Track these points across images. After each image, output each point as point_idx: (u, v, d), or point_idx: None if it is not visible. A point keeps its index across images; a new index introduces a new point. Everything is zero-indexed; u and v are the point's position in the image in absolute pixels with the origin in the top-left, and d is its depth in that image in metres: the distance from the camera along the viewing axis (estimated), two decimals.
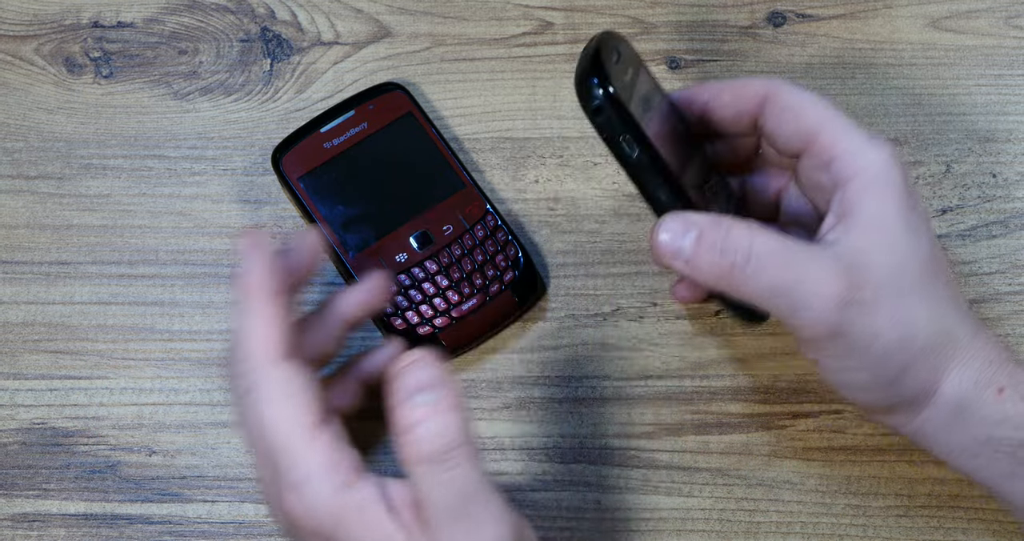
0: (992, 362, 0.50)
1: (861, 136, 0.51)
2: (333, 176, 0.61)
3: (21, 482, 0.59)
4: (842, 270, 0.48)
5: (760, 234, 0.48)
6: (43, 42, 0.66)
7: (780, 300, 0.48)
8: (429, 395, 0.44)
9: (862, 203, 0.49)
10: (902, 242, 0.49)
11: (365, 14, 0.67)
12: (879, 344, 0.49)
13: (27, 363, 0.60)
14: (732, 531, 0.58)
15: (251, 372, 0.48)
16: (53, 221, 0.63)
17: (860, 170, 0.50)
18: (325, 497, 0.46)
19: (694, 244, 0.49)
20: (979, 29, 0.66)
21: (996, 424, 0.50)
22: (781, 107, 0.52)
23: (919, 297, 0.49)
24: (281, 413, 0.47)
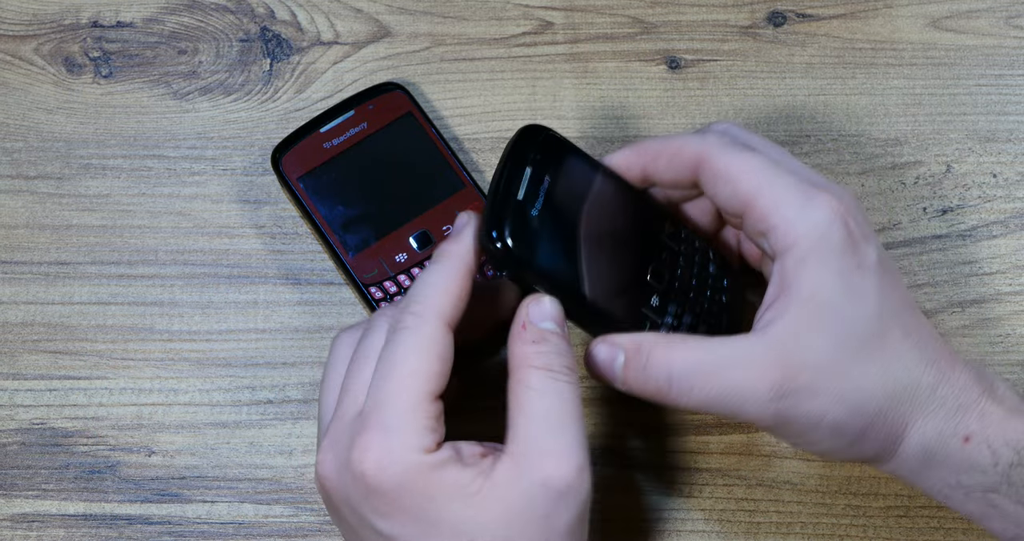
0: (959, 409, 0.49)
1: (797, 200, 0.49)
2: (333, 176, 0.61)
3: (20, 482, 0.59)
4: (774, 361, 0.48)
5: (679, 351, 0.49)
6: (42, 42, 0.66)
7: (715, 408, 0.49)
8: (555, 325, 0.49)
9: (798, 278, 0.49)
10: (841, 314, 0.49)
11: (365, 14, 0.66)
12: (827, 421, 0.49)
13: (26, 363, 0.60)
14: (732, 531, 0.58)
15: (420, 315, 0.48)
16: (52, 221, 0.63)
17: (795, 241, 0.49)
18: (410, 452, 0.46)
19: (622, 370, 0.50)
20: (979, 29, 0.66)
21: (964, 471, 0.49)
22: (714, 174, 0.51)
23: (866, 365, 0.49)
24: (423, 365, 0.47)
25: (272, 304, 0.61)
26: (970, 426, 0.49)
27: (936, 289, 0.62)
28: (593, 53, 0.66)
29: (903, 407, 0.49)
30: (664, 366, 0.49)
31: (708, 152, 0.51)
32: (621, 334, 0.50)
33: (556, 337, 0.49)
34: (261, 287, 0.61)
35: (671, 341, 0.50)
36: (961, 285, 0.62)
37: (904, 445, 0.50)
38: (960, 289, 0.61)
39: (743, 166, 0.51)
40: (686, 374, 0.49)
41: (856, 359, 0.49)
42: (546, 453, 0.46)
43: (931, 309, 0.61)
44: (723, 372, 0.49)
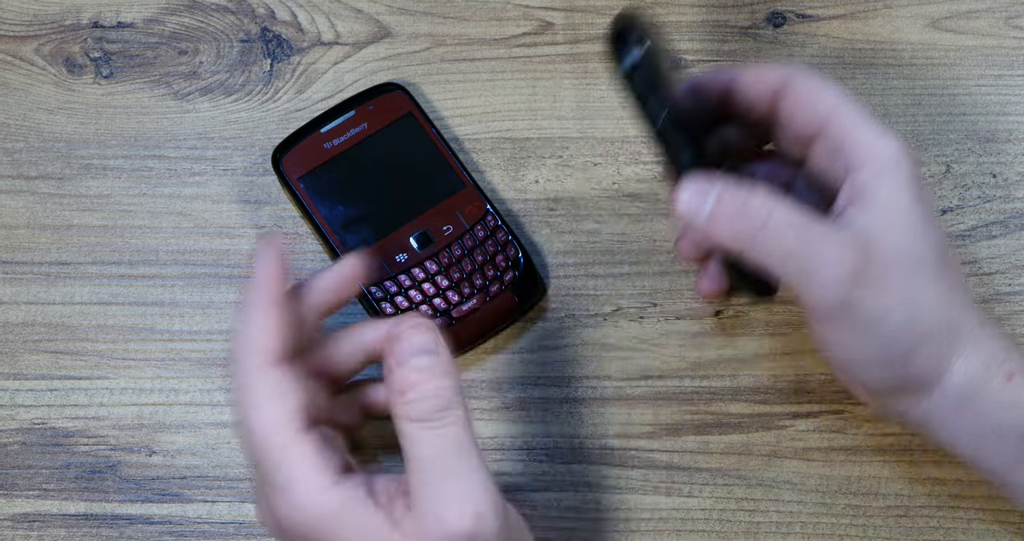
0: (1002, 349, 0.50)
1: (876, 126, 0.51)
2: (333, 176, 0.61)
3: (21, 482, 0.59)
4: (854, 247, 0.49)
5: (780, 201, 0.49)
6: (43, 42, 0.66)
7: (793, 266, 0.49)
8: (425, 359, 0.46)
9: (875, 187, 0.50)
10: (913, 227, 0.50)
11: (365, 14, 0.67)
12: (888, 322, 0.49)
13: (27, 363, 0.60)
14: (732, 531, 0.58)
15: (242, 375, 0.48)
16: (53, 221, 0.63)
17: (873, 157, 0.50)
18: (310, 498, 0.46)
19: (715, 204, 0.49)
20: (979, 29, 0.66)
21: (1005, 409, 0.50)
22: (798, 93, 0.52)
23: (929, 282, 0.50)
24: (267, 416, 0.47)
25: None
26: (1013, 365, 0.50)
27: None
28: (593, 53, 0.66)
29: (954, 334, 0.50)
30: (765, 209, 0.49)
31: (796, 74, 0.53)
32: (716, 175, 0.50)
33: (427, 377, 0.46)
34: None
35: (771, 192, 0.49)
36: None
37: (948, 375, 0.50)
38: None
39: (828, 88, 0.52)
40: (784, 221, 0.49)
41: (920, 275, 0.49)
42: (439, 507, 0.45)
43: None
44: (815, 237, 0.49)
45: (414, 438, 0.46)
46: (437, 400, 0.46)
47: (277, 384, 0.47)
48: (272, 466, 0.47)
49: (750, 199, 0.49)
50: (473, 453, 0.46)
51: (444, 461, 0.45)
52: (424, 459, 0.45)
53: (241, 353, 0.48)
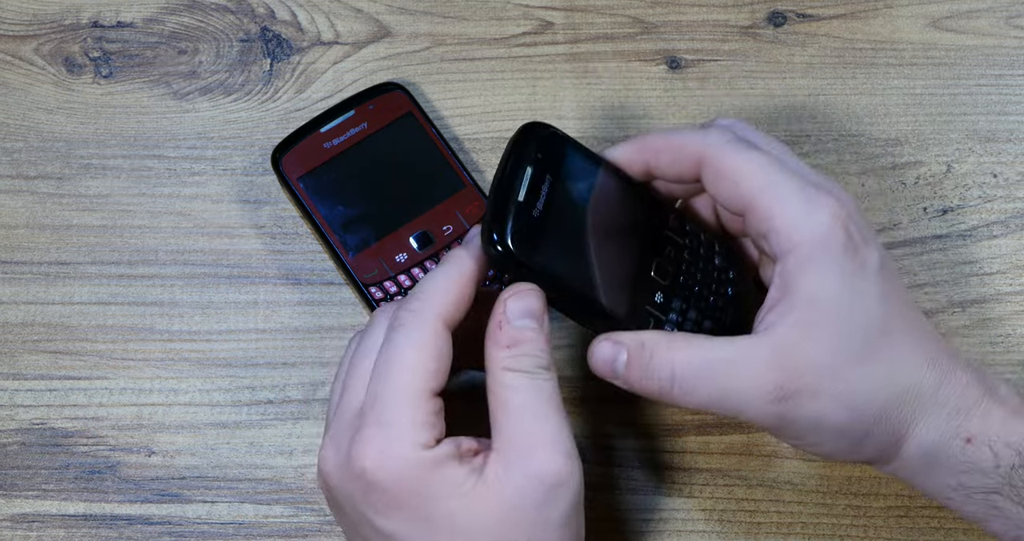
0: (961, 410, 0.49)
1: (798, 202, 0.49)
2: (333, 176, 0.61)
3: (20, 482, 0.59)
4: (776, 363, 0.48)
5: (682, 350, 0.49)
6: (43, 42, 0.66)
7: (717, 409, 0.50)
8: (531, 322, 0.49)
9: (800, 280, 0.49)
10: (843, 316, 0.49)
11: (365, 14, 0.66)
12: (828, 424, 0.49)
13: (26, 363, 0.60)
14: (733, 531, 0.58)
15: (420, 313, 0.48)
16: (52, 221, 0.63)
17: (797, 244, 0.49)
18: (408, 448, 0.47)
19: (624, 368, 0.50)
20: (980, 29, 0.66)
21: (966, 473, 0.49)
22: (716, 172, 0.51)
23: (868, 367, 0.49)
24: (421, 361, 0.48)
25: (272, 304, 0.61)
26: (972, 427, 0.49)
27: (936, 289, 0.61)
28: (593, 53, 0.66)
29: (905, 408, 0.49)
30: (667, 366, 0.49)
31: (710, 150, 0.51)
32: (624, 332, 0.50)
33: (532, 336, 0.48)
34: (261, 287, 0.61)
35: (674, 340, 0.50)
36: (961, 285, 0.62)
37: (906, 446, 0.50)
38: (960, 289, 0.61)
39: (745, 166, 0.50)
40: (689, 374, 0.49)
41: (858, 361, 0.49)
42: (531, 446, 0.47)
43: (931, 309, 0.61)
44: (725, 373, 0.49)
45: (514, 386, 0.48)
46: (540, 358, 0.48)
47: (442, 344, 0.48)
48: (392, 405, 0.47)
49: (651, 362, 0.49)
50: (562, 408, 0.48)
51: (539, 407, 0.48)
52: (520, 404, 0.47)
53: (428, 298, 0.49)
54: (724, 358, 0.49)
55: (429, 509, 0.46)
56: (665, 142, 0.53)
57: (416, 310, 0.48)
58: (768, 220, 0.50)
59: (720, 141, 0.51)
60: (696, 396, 0.49)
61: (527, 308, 0.49)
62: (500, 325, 0.48)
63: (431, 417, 0.47)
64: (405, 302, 0.49)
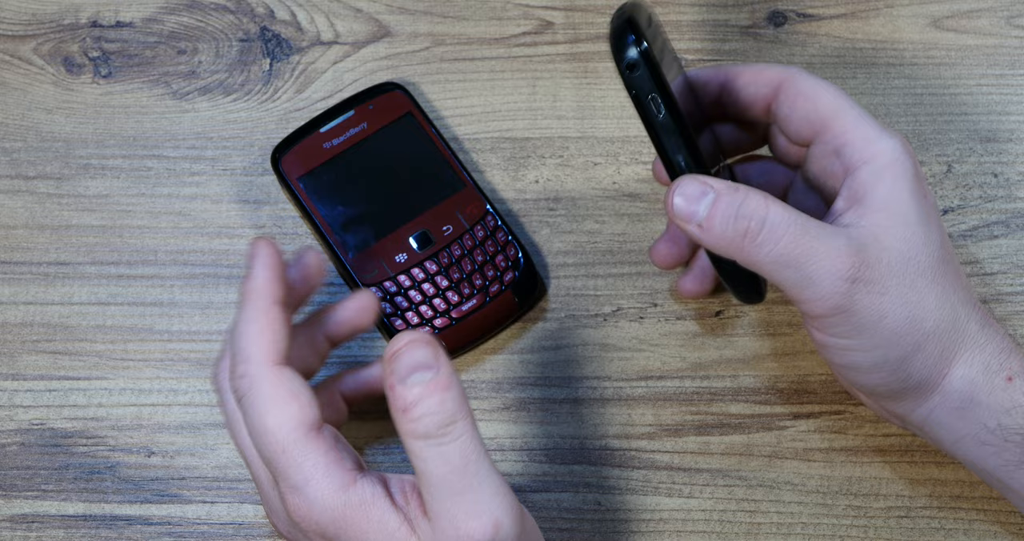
0: (1002, 351, 0.50)
1: (875, 125, 0.51)
2: (333, 176, 0.61)
3: (20, 483, 0.59)
4: (853, 248, 0.48)
5: (776, 204, 0.48)
6: (42, 42, 0.66)
7: (789, 272, 0.48)
8: (425, 374, 0.45)
9: (874, 188, 0.50)
10: (914, 228, 0.49)
11: (365, 14, 0.66)
12: (887, 324, 0.49)
13: (26, 364, 0.60)
14: (733, 532, 0.58)
15: (249, 374, 0.48)
16: (52, 221, 0.63)
17: (872, 157, 0.50)
18: (328, 497, 0.46)
19: (710, 207, 0.49)
20: (981, 29, 0.66)
21: (1006, 412, 0.50)
22: (796, 93, 0.52)
23: (929, 283, 0.49)
24: (281, 414, 0.47)
25: None
26: (1013, 366, 0.50)
27: None
28: (593, 53, 0.66)
29: (955, 336, 0.50)
30: (762, 210, 0.48)
31: (793, 74, 0.53)
32: (711, 177, 0.50)
33: (428, 391, 0.44)
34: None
35: (767, 194, 0.49)
36: None
37: (949, 377, 0.50)
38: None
39: (825, 89, 0.52)
40: (780, 224, 0.48)
41: (921, 276, 0.49)
42: (455, 520, 0.45)
43: None
44: (812, 239, 0.48)
45: (423, 456, 0.45)
46: (441, 415, 0.44)
47: (289, 383, 0.47)
48: (289, 465, 0.46)
49: (745, 202, 0.48)
50: (483, 463, 0.45)
51: (455, 477, 0.45)
52: (435, 476, 0.45)
53: (245, 352, 0.48)
54: (814, 225, 0.49)
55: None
56: (745, 67, 0.54)
57: (244, 374, 0.48)
58: (844, 134, 0.51)
59: (800, 69, 0.53)
60: (779, 248, 0.48)
61: (417, 360, 0.45)
62: (393, 387, 0.45)
63: (330, 456, 0.46)
64: (232, 370, 0.48)
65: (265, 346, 0.48)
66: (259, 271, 0.49)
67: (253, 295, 0.49)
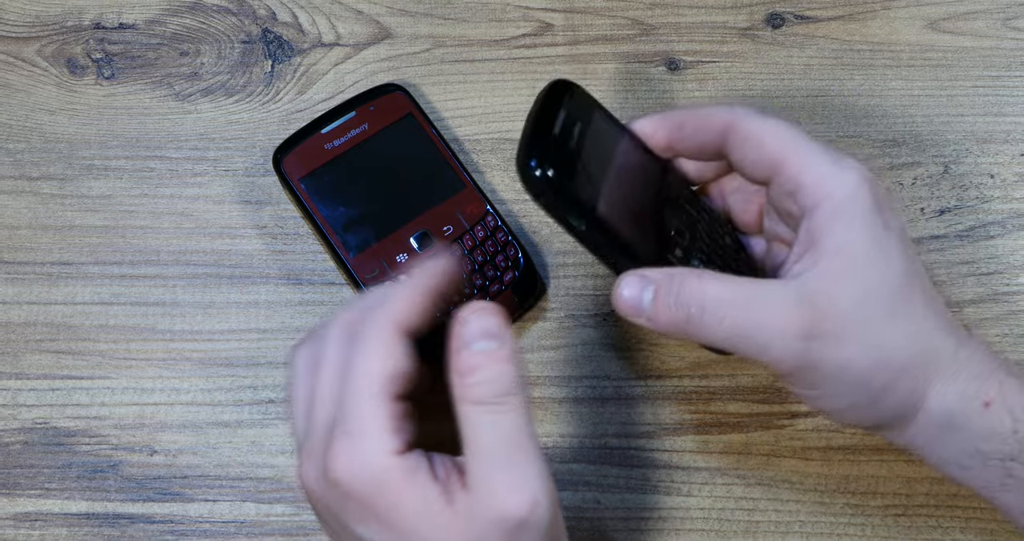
0: (978, 376, 0.50)
1: (827, 161, 0.50)
2: (334, 177, 0.61)
3: (23, 481, 0.59)
4: (804, 305, 0.48)
5: (712, 283, 0.49)
6: (45, 43, 0.66)
7: (741, 343, 0.49)
8: (489, 343, 0.45)
9: (827, 232, 0.49)
10: (870, 268, 0.49)
11: (366, 16, 0.67)
12: (851, 372, 0.49)
13: (29, 363, 0.61)
14: (731, 530, 0.58)
15: (374, 323, 0.47)
16: (55, 222, 0.63)
17: (824, 198, 0.49)
18: (375, 454, 0.46)
19: (651, 303, 0.49)
20: (977, 30, 0.66)
21: (984, 438, 0.49)
22: (743, 137, 0.51)
23: (892, 320, 0.49)
24: (375, 368, 0.46)
25: (273, 304, 0.62)
26: (990, 392, 0.49)
27: None
28: (593, 54, 0.66)
29: (926, 367, 0.50)
30: (697, 295, 0.49)
31: (737, 117, 0.52)
32: (650, 268, 0.50)
33: (490, 361, 0.45)
34: (263, 287, 0.62)
35: (703, 273, 0.49)
36: (959, 285, 0.62)
37: (925, 407, 0.50)
38: (958, 289, 0.62)
39: (773, 129, 0.51)
40: (719, 304, 0.48)
41: (884, 313, 0.49)
42: (495, 491, 0.45)
43: None
44: (756, 307, 0.48)
45: (475, 422, 0.45)
46: (498, 384, 0.45)
47: (397, 347, 0.47)
48: (355, 414, 0.46)
49: (681, 290, 0.49)
50: (532, 442, 0.46)
51: (503, 447, 0.45)
52: (483, 444, 0.45)
53: (383, 304, 0.48)
54: (755, 293, 0.49)
55: (399, 521, 0.46)
56: (689, 113, 0.53)
57: (375, 318, 0.47)
58: (797, 176, 0.50)
59: (745, 111, 0.52)
60: (724, 327, 0.48)
61: (484, 328, 0.46)
62: (458, 350, 0.45)
63: (396, 422, 0.46)
64: (361, 307, 0.48)
65: (398, 309, 0.48)
66: (438, 260, 0.49)
67: (419, 270, 0.49)
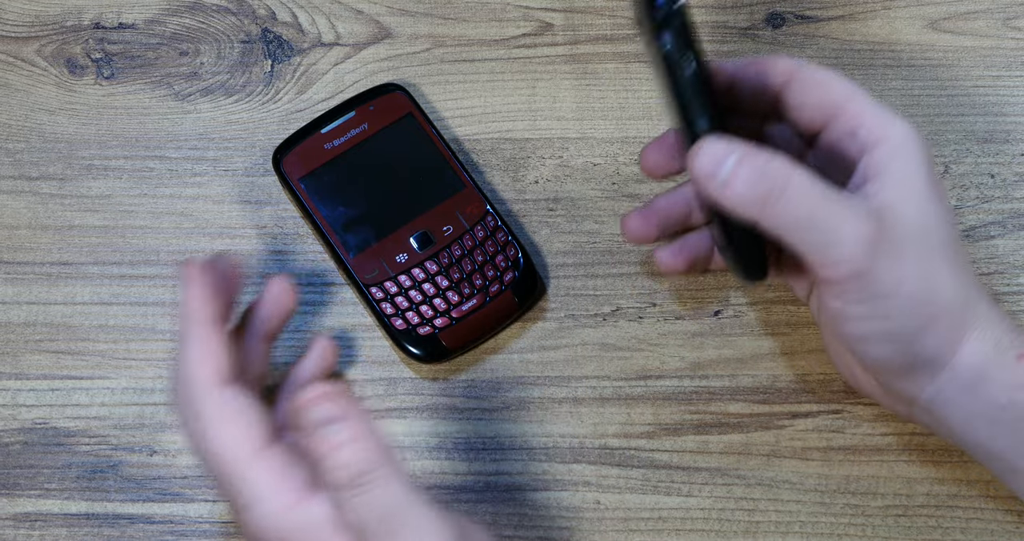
0: (1012, 330, 0.51)
1: (886, 112, 0.52)
2: (334, 177, 0.61)
3: (23, 482, 0.59)
4: (873, 217, 0.49)
5: (800, 167, 0.49)
6: (45, 43, 0.66)
7: (810, 234, 0.49)
8: (336, 427, 0.45)
9: (890, 165, 0.50)
10: (928, 204, 0.50)
11: (366, 15, 0.67)
12: (904, 291, 0.49)
13: (29, 363, 0.61)
14: (731, 530, 0.58)
15: (197, 398, 0.48)
16: (55, 222, 0.63)
17: (888, 136, 0.51)
18: (274, 516, 0.46)
19: (734, 166, 0.48)
20: (977, 30, 0.66)
21: (1017, 389, 0.50)
22: (808, 81, 0.53)
23: (943, 258, 0.50)
24: (228, 435, 0.47)
25: None
26: (1022, 346, 0.50)
27: None
28: (593, 54, 0.66)
29: (967, 312, 0.50)
30: (786, 171, 0.48)
31: (802, 64, 0.53)
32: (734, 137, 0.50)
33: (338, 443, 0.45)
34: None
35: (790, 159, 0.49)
36: None
37: (960, 353, 0.50)
38: None
39: (838, 77, 0.53)
40: (803, 187, 0.48)
41: (936, 250, 0.50)
42: None
43: None
44: (835, 203, 0.49)
45: (347, 505, 0.45)
46: (356, 466, 0.45)
47: (234, 402, 0.48)
48: (238, 485, 0.47)
49: (771, 163, 0.48)
50: (409, 505, 0.45)
51: (384, 524, 0.45)
52: (365, 522, 0.45)
53: (190, 377, 0.49)
54: (837, 190, 0.49)
55: None
56: (754, 59, 0.54)
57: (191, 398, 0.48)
58: (859, 116, 0.51)
59: (808, 62, 0.54)
60: (800, 211, 0.48)
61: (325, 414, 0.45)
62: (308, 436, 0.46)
63: (280, 473, 0.47)
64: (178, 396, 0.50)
65: (209, 368, 0.49)
66: (192, 293, 0.50)
67: (189, 319, 0.50)
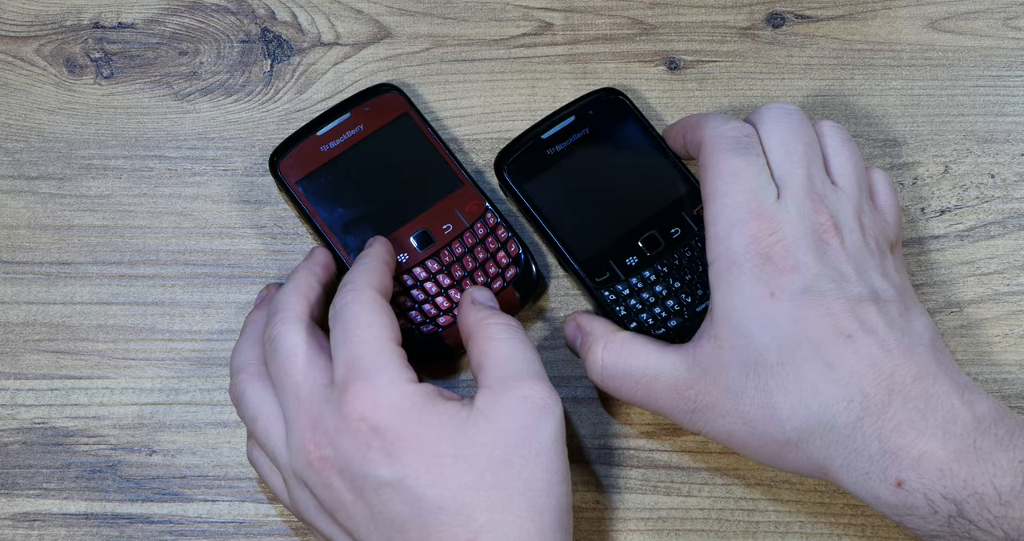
0: (887, 453, 0.48)
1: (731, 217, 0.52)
2: (331, 179, 0.61)
3: (22, 481, 0.59)
4: (694, 379, 0.52)
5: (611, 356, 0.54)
6: (44, 43, 0.66)
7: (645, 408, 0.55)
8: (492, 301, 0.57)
9: (716, 296, 0.52)
10: (748, 340, 0.50)
11: (365, 15, 0.67)
12: (736, 439, 0.51)
13: (28, 363, 0.61)
14: (731, 530, 0.58)
15: (358, 291, 0.53)
16: (54, 221, 0.63)
17: (713, 259, 0.52)
18: (396, 385, 0.50)
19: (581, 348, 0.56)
20: (977, 30, 0.66)
21: (903, 515, 0.48)
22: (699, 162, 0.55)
23: (774, 394, 0.49)
24: (376, 320, 0.52)
25: None
26: (902, 472, 0.47)
27: (934, 289, 0.62)
28: (592, 54, 0.66)
29: (819, 442, 0.49)
30: (597, 363, 0.55)
31: (705, 142, 0.54)
32: (588, 316, 0.57)
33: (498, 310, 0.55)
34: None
35: (611, 341, 0.54)
36: (959, 285, 0.62)
37: (835, 479, 0.50)
38: (958, 289, 0.62)
39: (719, 168, 0.53)
40: (616, 375, 0.54)
41: (763, 385, 0.50)
42: (519, 378, 0.50)
43: (929, 309, 0.61)
44: (647, 384, 0.53)
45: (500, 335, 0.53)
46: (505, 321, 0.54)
47: (385, 307, 0.53)
48: (370, 356, 0.50)
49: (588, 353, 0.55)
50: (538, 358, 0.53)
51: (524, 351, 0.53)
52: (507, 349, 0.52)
53: (361, 279, 0.53)
54: (649, 369, 0.53)
55: (432, 439, 0.49)
56: (694, 121, 0.57)
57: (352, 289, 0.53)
58: (706, 225, 0.53)
59: (715, 137, 0.54)
60: (622, 395, 0.54)
61: (488, 295, 0.56)
62: (472, 302, 0.55)
63: (403, 361, 0.51)
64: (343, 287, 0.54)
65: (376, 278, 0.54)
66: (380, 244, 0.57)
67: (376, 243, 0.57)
